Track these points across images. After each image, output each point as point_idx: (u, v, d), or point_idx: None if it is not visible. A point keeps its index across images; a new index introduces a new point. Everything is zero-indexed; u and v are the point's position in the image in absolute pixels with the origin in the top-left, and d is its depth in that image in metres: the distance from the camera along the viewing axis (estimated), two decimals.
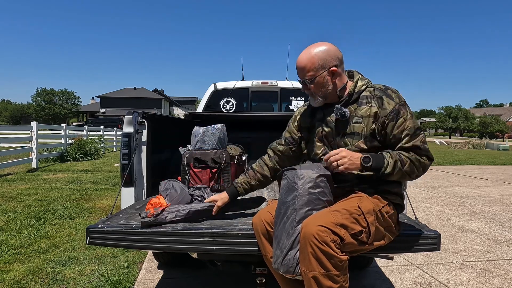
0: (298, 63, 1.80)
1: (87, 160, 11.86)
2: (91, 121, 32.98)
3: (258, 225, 1.75)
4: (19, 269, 2.92)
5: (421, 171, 1.72)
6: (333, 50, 1.79)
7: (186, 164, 2.77)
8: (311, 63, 1.76)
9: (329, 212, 1.59)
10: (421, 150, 1.71)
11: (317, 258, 1.47)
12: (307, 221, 1.56)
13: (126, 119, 2.44)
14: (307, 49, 1.79)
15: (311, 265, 1.49)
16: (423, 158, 1.71)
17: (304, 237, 1.51)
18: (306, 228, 1.52)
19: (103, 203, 5.36)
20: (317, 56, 1.76)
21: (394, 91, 1.78)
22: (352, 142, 1.77)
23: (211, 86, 5.10)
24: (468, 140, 27.65)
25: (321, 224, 1.50)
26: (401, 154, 1.68)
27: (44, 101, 56.76)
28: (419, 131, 1.73)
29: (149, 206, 2.00)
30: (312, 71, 1.76)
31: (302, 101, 4.99)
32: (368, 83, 1.84)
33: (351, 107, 1.79)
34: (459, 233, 4.21)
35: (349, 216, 1.58)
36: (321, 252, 1.47)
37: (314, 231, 1.48)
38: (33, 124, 9.63)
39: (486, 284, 2.83)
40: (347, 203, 1.67)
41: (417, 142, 1.71)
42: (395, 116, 1.72)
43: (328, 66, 1.76)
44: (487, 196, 6.70)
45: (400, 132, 1.71)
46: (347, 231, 1.54)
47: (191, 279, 2.89)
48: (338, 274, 1.49)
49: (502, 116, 64.34)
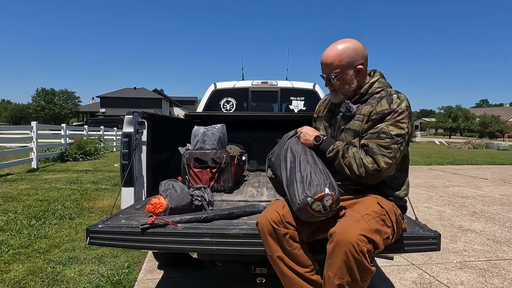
0: (325, 59, 1.78)
1: (87, 160, 11.85)
2: (91, 121, 32.97)
3: (264, 224, 1.72)
4: (19, 269, 2.92)
5: (362, 172, 1.66)
6: (361, 48, 1.78)
7: (186, 164, 2.77)
8: (339, 60, 1.75)
9: (361, 217, 1.55)
10: (371, 150, 1.65)
11: (349, 267, 1.45)
12: (344, 227, 1.50)
13: (126, 119, 2.44)
14: (334, 45, 1.78)
15: (340, 272, 1.47)
16: (368, 159, 1.65)
17: (341, 244, 1.46)
18: (344, 236, 1.46)
19: (103, 203, 5.36)
20: (345, 54, 1.75)
21: (400, 98, 1.72)
22: (347, 138, 1.79)
23: (211, 86, 5.10)
24: (468, 140, 27.62)
25: (361, 233, 1.46)
26: (349, 148, 1.71)
27: (44, 101, 56.75)
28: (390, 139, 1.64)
29: (149, 206, 2.00)
30: (339, 68, 1.75)
31: (302, 101, 5.00)
32: (386, 86, 1.81)
33: (360, 106, 1.80)
34: (459, 233, 4.21)
35: (379, 219, 1.58)
36: (355, 262, 1.44)
37: (354, 240, 1.44)
38: (33, 124, 9.63)
39: (486, 284, 2.83)
40: (369, 205, 1.65)
41: (373, 142, 1.66)
42: (379, 118, 1.69)
43: (355, 64, 1.76)
44: (487, 196, 6.70)
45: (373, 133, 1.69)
46: (380, 236, 1.53)
47: (191, 279, 2.89)
48: (364, 285, 1.49)
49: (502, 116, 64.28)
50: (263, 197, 2.63)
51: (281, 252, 1.70)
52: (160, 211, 1.98)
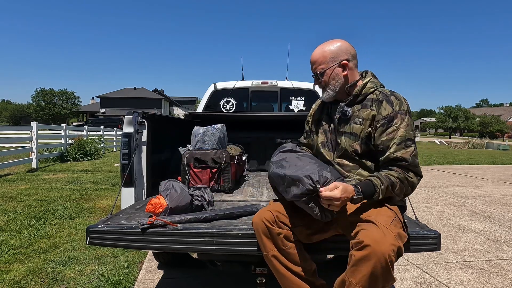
0: (311, 58, 1.87)
1: (87, 160, 11.85)
2: (91, 121, 32.97)
3: (259, 224, 1.74)
4: (19, 269, 2.92)
5: (409, 190, 1.70)
6: (345, 45, 1.84)
7: (186, 164, 2.76)
8: (322, 57, 1.83)
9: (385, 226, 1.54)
10: (408, 164, 1.67)
11: (376, 277, 1.45)
12: (375, 237, 1.47)
13: (126, 119, 2.43)
14: (321, 45, 1.87)
15: (365, 281, 1.46)
16: (410, 175, 1.67)
17: (373, 255, 1.44)
18: (378, 247, 1.44)
19: (103, 203, 5.36)
20: (329, 50, 1.83)
21: (398, 98, 1.76)
22: (347, 142, 1.80)
23: (211, 86, 5.10)
24: (468, 140, 27.63)
25: (393, 243, 1.46)
26: (390, 177, 1.64)
27: (44, 101, 56.75)
28: (410, 142, 1.70)
29: (149, 207, 2.00)
30: (323, 64, 1.83)
31: (302, 101, 4.99)
32: (378, 86, 1.84)
33: (355, 108, 1.82)
34: (459, 233, 4.21)
35: (396, 222, 1.60)
36: (383, 272, 1.44)
37: (387, 252, 1.43)
38: (33, 124, 9.63)
39: (486, 284, 2.83)
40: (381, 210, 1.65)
41: (405, 154, 1.68)
42: (387, 123, 1.72)
43: (339, 59, 1.82)
44: (487, 196, 6.70)
45: (389, 140, 1.70)
46: (401, 240, 1.54)
47: (191, 279, 2.89)
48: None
49: (502, 116, 64.32)
50: (263, 197, 2.63)
51: (276, 251, 1.72)
52: (160, 211, 1.98)
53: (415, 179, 1.69)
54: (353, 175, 1.80)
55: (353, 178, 1.79)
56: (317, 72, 1.84)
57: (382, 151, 1.72)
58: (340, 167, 1.83)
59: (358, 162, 1.80)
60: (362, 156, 1.79)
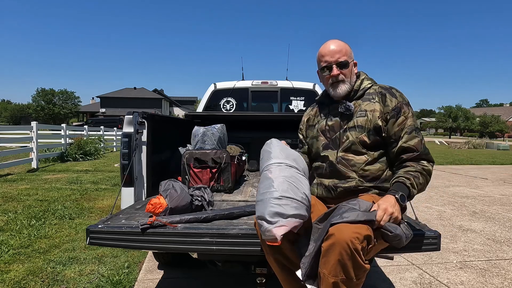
0: (333, 47, 1.85)
1: (87, 160, 11.85)
2: (91, 121, 32.94)
3: None
4: (19, 269, 2.92)
5: (429, 178, 1.76)
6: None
7: (186, 164, 2.76)
8: (345, 49, 1.86)
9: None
10: (420, 153, 1.75)
11: (344, 265, 1.46)
12: (339, 226, 1.50)
13: (126, 119, 2.44)
14: (334, 40, 1.89)
15: (335, 270, 1.47)
16: (424, 164, 1.74)
17: (336, 243, 1.47)
18: (339, 235, 1.47)
19: (103, 203, 5.36)
20: (347, 46, 1.89)
21: (398, 91, 1.87)
22: (354, 135, 1.82)
23: (211, 86, 5.10)
24: (468, 139, 27.64)
25: (356, 231, 1.47)
26: (409, 172, 1.70)
27: (44, 101, 56.69)
28: (418, 131, 1.79)
29: (149, 207, 2.00)
30: (346, 55, 1.86)
31: (302, 101, 4.99)
32: (373, 82, 1.93)
33: (356, 103, 1.87)
34: (459, 233, 4.21)
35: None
36: (350, 260, 1.45)
37: (348, 238, 1.44)
38: (33, 124, 9.63)
39: (486, 284, 2.83)
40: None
41: (417, 144, 1.76)
42: (397, 114, 1.79)
43: (353, 58, 1.90)
44: (487, 195, 6.70)
45: (400, 130, 1.77)
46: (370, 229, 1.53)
47: (191, 279, 2.89)
48: (358, 283, 1.50)
49: (502, 115, 64.27)
50: None
51: (277, 251, 1.71)
52: (160, 211, 1.98)
53: (430, 166, 1.76)
54: (355, 175, 1.80)
55: (354, 179, 1.80)
56: (341, 61, 1.84)
57: (394, 142, 1.78)
58: (343, 164, 1.83)
59: (365, 154, 1.81)
60: (370, 148, 1.81)
